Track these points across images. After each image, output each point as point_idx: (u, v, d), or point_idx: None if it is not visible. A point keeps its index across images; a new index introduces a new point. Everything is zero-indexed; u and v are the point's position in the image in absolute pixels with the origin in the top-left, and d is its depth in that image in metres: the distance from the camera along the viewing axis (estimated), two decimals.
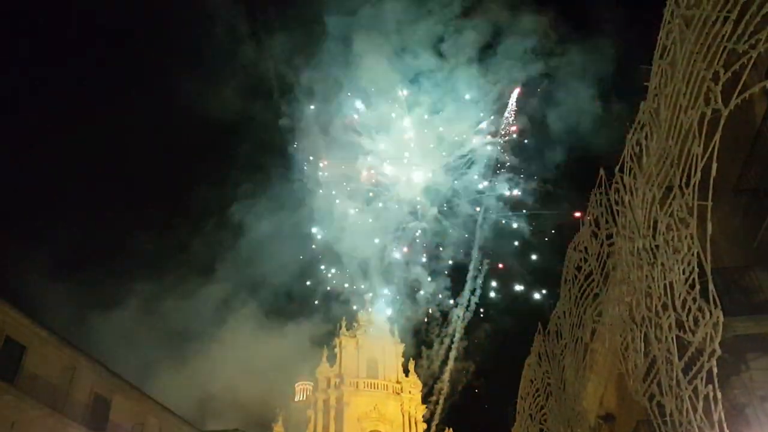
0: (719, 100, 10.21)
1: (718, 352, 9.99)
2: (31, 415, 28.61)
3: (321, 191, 73.97)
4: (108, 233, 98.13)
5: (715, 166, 10.19)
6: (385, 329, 66.62)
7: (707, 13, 10.79)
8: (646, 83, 12.93)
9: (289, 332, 66.50)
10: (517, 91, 73.66)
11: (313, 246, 73.31)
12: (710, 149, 10.31)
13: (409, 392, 62.82)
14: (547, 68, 72.48)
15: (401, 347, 66.17)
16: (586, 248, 17.49)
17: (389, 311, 69.41)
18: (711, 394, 10.09)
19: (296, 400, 66.59)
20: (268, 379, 62.41)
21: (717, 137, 10.18)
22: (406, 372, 64.77)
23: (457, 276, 74.23)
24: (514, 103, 73.79)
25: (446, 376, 69.59)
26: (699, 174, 10.62)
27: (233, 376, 62.16)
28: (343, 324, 66.14)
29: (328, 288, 73.37)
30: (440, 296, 73.01)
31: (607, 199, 15.45)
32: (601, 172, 15.72)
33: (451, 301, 73.33)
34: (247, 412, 60.98)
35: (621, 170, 14.12)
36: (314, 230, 72.89)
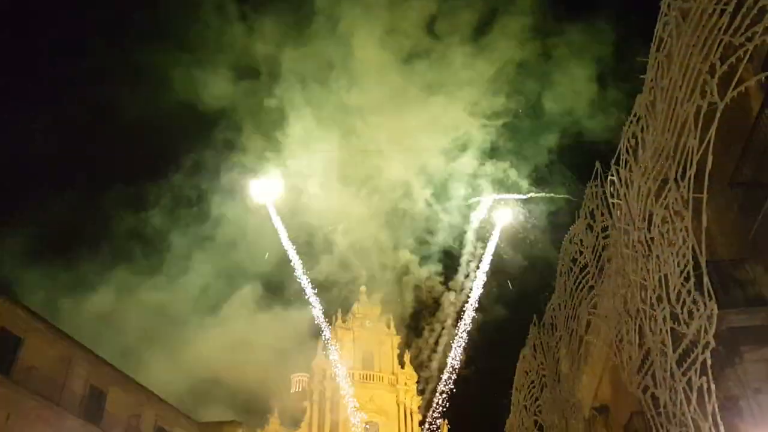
0: (715, 92, 10.21)
1: (712, 344, 10.03)
2: (26, 407, 28.61)
3: (311, 176, 73.07)
4: (98, 220, 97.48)
5: (710, 159, 10.20)
6: (381, 321, 66.73)
7: (704, 5, 10.77)
8: (642, 75, 12.92)
9: (285, 323, 66.62)
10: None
11: (308, 234, 72.98)
12: (706, 142, 10.32)
13: (405, 384, 63.04)
14: (543, 49, 71.86)
15: (397, 339, 66.30)
16: (581, 240, 17.53)
17: (384, 301, 69.34)
18: (705, 386, 10.14)
19: (292, 391, 66.79)
20: (264, 370, 62.57)
21: (713, 130, 10.19)
22: (402, 364, 64.97)
23: (450, 262, 73.83)
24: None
25: (437, 365, 69.55)
26: (694, 167, 10.64)
27: (229, 367, 62.32)
28: (339, 316, 66.21)
29: (324, 278, 73.24)
30: (432, 282, 72.61)
31: (602, 191, 15.47)
32: (597, 164, 15.75)
33: (444, 287, 72.89)
34: (243, 402, 61.19)
35: (617, 163, 14.13)
36: (306, 217, 72.20)
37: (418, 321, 72.96)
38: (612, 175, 14.49)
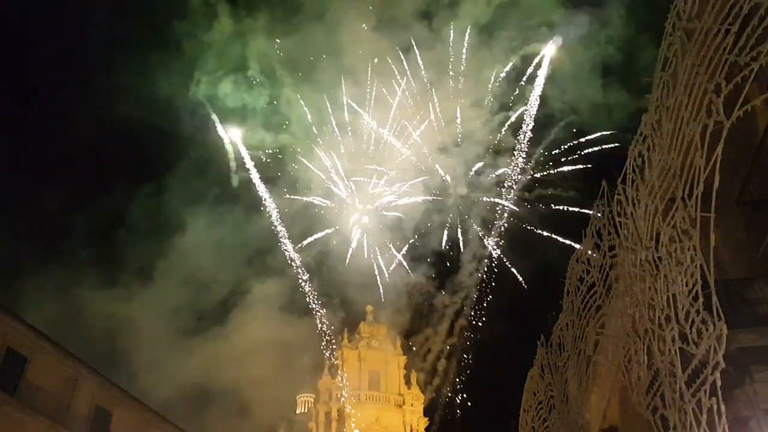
0: (721, 112, 10.23)
1: (722, 364, 9.94)
2: (32, 427, 28.52)
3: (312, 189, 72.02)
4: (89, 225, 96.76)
5: (717, 177, 10.19)
6: (387, 341, 66.34)
7: (708, 25, 10.83)
8: (647, 95, 12.96)
9: (290, 343, 66.32)
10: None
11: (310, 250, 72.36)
12: (712, 161, 10.31)
13: (411, 405, 62.53)
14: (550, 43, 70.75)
15: (403, 359, 65.84)
16: (588, 260, 17.46)
17: (390, 321, 68.74)
18: (715, 407, 10.03)
19: (298, 412, 66.36)
20: (269, 391, 62.22)
21: (719, 149, 10.19)
22: (408, 384, 64.51)
23: (451, 269, 72.44)
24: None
25: (441, 383, 68.71)
26: (701, 186, 10.62)
27: (235, 388, 62.02)
28: (345, 335, 65.90)
29: (329, 298, 72.78)
30: (429, 290, 71.31)
31: (609, 210, 15.44)
32: (603, 184, 15.73)
33: (441, 292, 71.71)
34: (249, 424, 60.80)
35: (623, 182, 14.13)
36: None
37: (418, 334, 71.65)
38: (619, 194, 14.48)
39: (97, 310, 62.59)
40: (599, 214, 16.24)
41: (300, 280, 64.02)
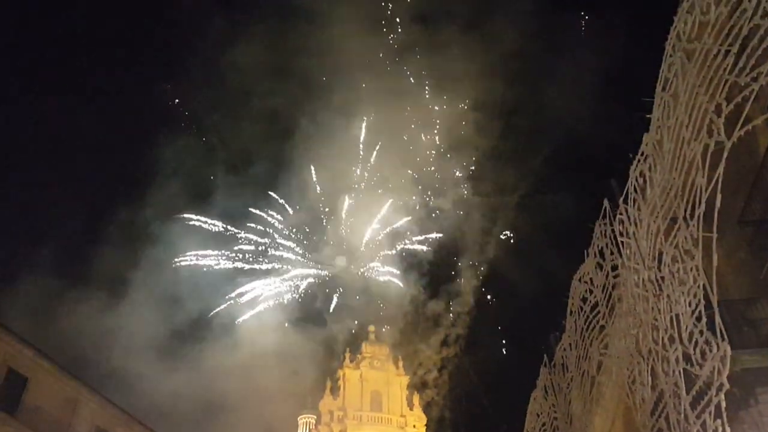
0: (722, 132, 10.25)
1: (726, 385, 9.86)
2: None
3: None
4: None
5: (719, 197, 10.18)
6: (389, 361, 65.88)
7: (708, 46, 10.89)
8: (648, 115, 13.00)
9: (292, 364, 65.92)
10: None
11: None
12: (714, 181, 10.31)
13: (414, 426, 61.96)
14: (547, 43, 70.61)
15: (406, 379, 65.34)
16: (591, 279, 17.40)
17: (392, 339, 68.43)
18: (720, 429, 9.93)
19: None
20: (270, 411, 61.76)
21: (721, 169, 10.19)
22: (411, 405, 63.97)
23: (446, 278, 71.91)
24: None
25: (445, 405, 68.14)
26: (703, 205, 10.60)
27: (234, 407, 61.58)
28: (347, 356, 65.45)
29: (331, 316, 72.51)
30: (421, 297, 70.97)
31: (611, 230, 15.42)
32: (605, 203, 15.72)
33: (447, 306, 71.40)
34: None
35: (625, 201, 14.13)
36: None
37: (409, 345, 71.17)
38: (621, 214, 14.46)
39: (85, 321, 61.96)
40: (601, 234, 16.21)
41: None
